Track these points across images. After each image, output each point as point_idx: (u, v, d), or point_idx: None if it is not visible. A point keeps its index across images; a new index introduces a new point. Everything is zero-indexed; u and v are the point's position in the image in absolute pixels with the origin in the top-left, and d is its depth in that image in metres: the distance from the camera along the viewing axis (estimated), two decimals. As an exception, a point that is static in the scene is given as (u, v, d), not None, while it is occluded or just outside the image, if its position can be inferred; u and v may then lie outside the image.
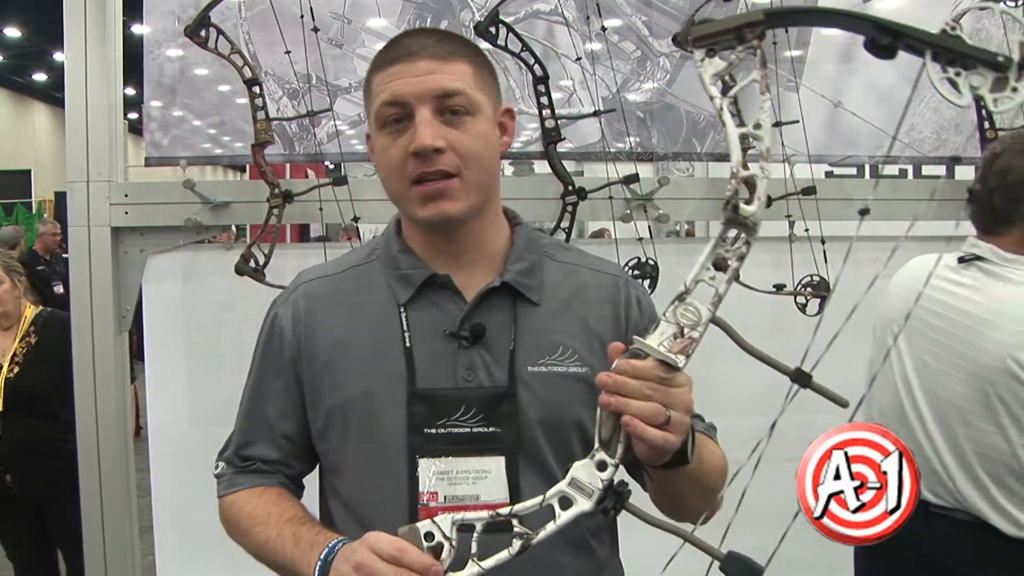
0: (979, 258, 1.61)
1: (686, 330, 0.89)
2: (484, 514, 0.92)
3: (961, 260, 1.63)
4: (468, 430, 1.08)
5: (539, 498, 0.91)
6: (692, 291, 0.89)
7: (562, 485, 0.91)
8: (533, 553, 0.93)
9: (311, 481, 1.23)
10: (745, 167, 0.85)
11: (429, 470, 1.07)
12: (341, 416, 1.12)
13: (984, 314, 1.54)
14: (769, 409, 0.90)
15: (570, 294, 1.16)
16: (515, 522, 0.91)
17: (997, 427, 1.52)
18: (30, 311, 3.05)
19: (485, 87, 1.12)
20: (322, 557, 1.00)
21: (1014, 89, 0.82)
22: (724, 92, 0.88)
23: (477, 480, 1.07)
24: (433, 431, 1.07)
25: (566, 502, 0.91)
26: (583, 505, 0.91)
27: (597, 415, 0.93)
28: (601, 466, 0.91)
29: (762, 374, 0.89)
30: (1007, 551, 1.53)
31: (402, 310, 1.12)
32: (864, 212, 0.94)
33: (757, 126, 0.86)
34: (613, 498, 0.91)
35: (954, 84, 0.82)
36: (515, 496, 1.06)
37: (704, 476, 1.06)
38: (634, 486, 1.25)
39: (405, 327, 1.11)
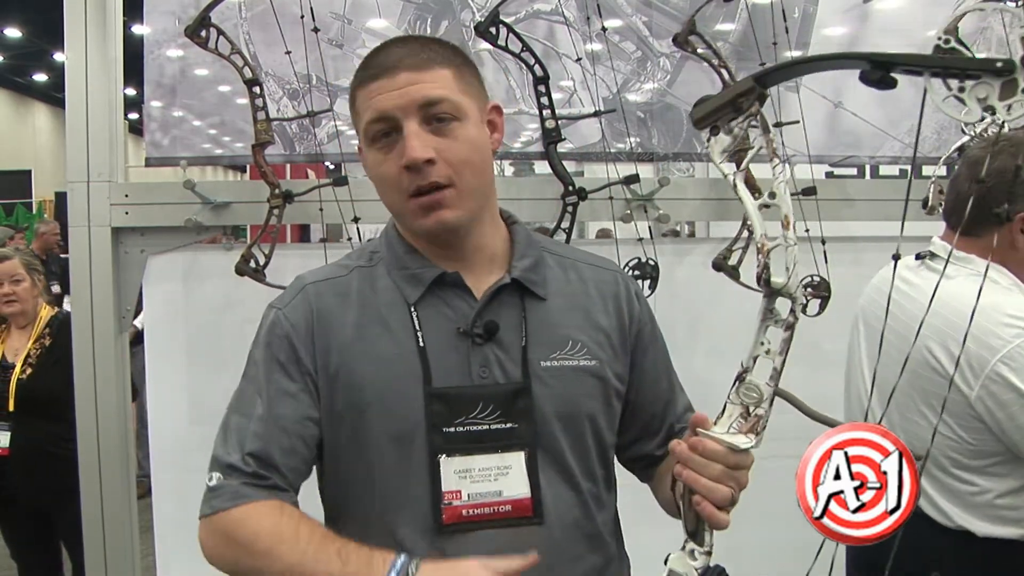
0: (934, 256, 1.63)
1: (751, 408, 0.92)
2: None
3: (918, 257, 1.65)
4: (487, 427, 1.09)
5: None
6: (752, 369, 0.91)
7: None
8: (556, 543, 1.02)
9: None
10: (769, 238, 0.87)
11: (450, 469, 1.07)
12: (357, 418, 1.10)
13: (916, 310, 1.54)
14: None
15: (573, 289, 1.19)
16: None
17: (921, 416, 1.55)
18: (46, 312, 3.02)
19: (468, 89, 1.11)
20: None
21: (1024, 91, 0.79)
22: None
23: (499, 476, 1.08)
24: (452, 429, 1.08)
25: None
26: None
27: (681, 508, 0.98)
28: (692, 555, 0.96)
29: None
30: (944, 541, 1.53)
31: (412, 309, 1.12)
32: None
33: (772, 195, 0.88)
34: None
35: (961, 100, 0.80)
36: (536, 491, 1.09)
37: None
38: (633, 479, 1.28)
39: (417, 326, 1.11)
